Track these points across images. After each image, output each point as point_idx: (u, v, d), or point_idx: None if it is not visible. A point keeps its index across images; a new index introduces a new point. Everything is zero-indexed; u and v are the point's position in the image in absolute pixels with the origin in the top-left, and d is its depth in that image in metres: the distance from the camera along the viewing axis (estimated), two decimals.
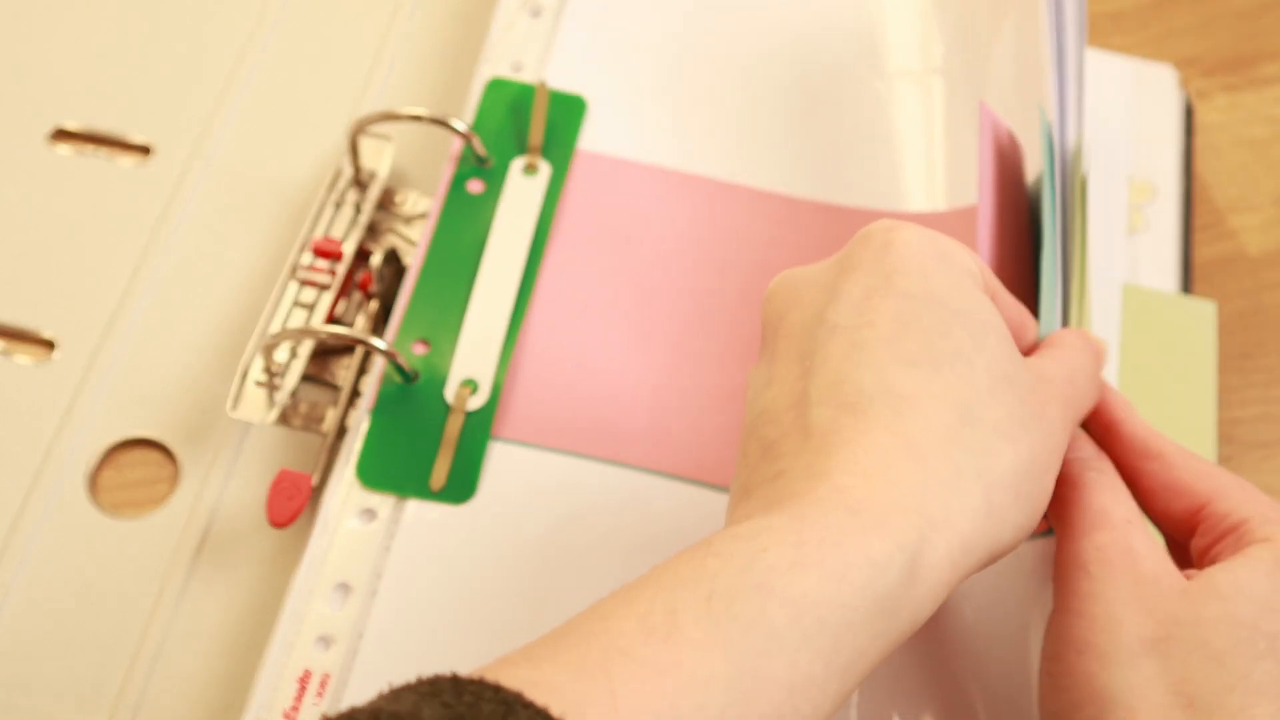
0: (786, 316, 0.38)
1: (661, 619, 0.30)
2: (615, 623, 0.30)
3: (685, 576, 0.31)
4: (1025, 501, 0.35)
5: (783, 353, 0.37)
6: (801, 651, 0.30)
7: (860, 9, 0.59)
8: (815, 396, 0.35)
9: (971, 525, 0.33)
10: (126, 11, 0.62)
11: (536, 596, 0.45)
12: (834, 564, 0.31)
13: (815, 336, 0.36)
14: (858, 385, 0.34)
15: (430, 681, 0.29)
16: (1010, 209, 0.47)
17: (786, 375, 0.36)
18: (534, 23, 0.58)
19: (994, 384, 0.35)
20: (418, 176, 0.58)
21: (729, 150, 0.55)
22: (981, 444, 0.34)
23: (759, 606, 0.30)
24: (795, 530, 0.31)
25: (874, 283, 0.36)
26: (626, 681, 0.29)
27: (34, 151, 0.58)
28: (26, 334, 0.54)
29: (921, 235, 0.37)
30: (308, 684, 0.44)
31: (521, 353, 0.50)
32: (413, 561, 0.46)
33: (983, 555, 0.34)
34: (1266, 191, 0.60)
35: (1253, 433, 0.54)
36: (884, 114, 0.56)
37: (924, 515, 0.32)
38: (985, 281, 0.38)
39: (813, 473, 0.33)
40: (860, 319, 0.36)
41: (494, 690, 0.28)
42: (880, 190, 0.54)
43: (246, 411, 0.50)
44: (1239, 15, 0.65)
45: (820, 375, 0.35)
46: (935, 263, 0.36)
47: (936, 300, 0.36)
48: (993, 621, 0.44)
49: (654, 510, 0.47)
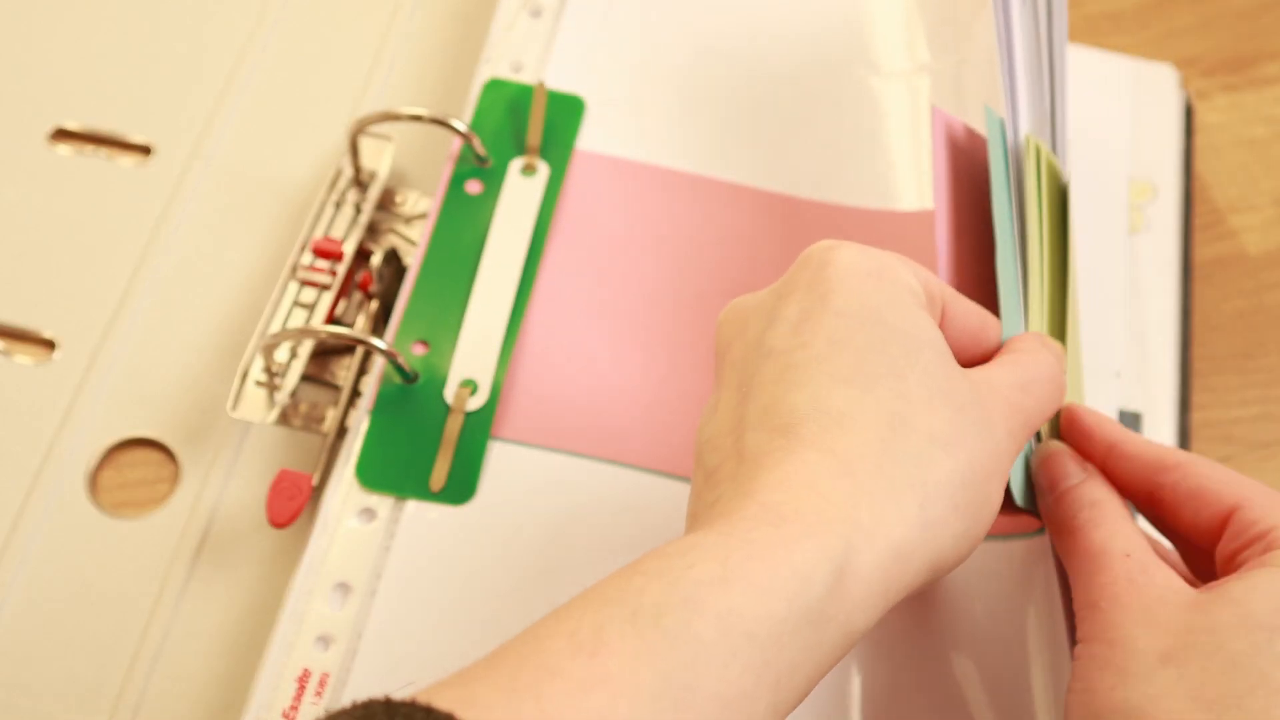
0: (731, 346, 0.38)
1: (589, 636, 0.30)
2: (546, 642, 0.30)
3: (612, 595, 0.31)
4: (966, 510, 0.35)
5: (726, 381, 0.37)
6: (731, 665, 0.30)
7: (860, 8, 0.59)
8: (750, 421, 0.35)
9: (904, 533, 0.33)
10: (127, 11, 0.62)
11: (536, 596, 0.45)
12: (760, 577, 0.31)
13: (753, 361, 0.37)
14: (790, 406, 0.35)
15: (364, 705, 0.29)
16: (971, 208, 0.47)
17: (728, 402, 0.37)
18: (534, 23, 0.58)
19: (929, 396, 0.35)
20: (418, 176, 0.58)
21: (728, 150, 0.55)
22: (915, 454, 0.34)
23: (685, 621, 0.30)
24: (721, 545, 0.32)
25: (809, 304, 0.36)
26: (555, 697, 0.29)
27: (34, 151, 0.58)
28: (27, 334, 0.54)
29: (858, 254, 0.37)
30: (307, 683, 0.44)
31: (521, 353, 0.50)
32: (412, 561, 0.46)
33: (921, 565, 0.34)
34: (1266, 191, 0.60)
35: (1253, 433, 0.54)
36: (883, 114, 0.56)
37: (851, 524, 0.32)
38: (929, 293, 0.38)
39: (742, 493, 0.34)
40: (795, 340, 0.36)
41: (425, 712, 0.28)
42: (876, 189, 0.54)
43: (247, 411, 0.50)
44: (1239, 15, 0.65)
45: (756, 400, 0.36)
46: (872, 281, 0.37)
47: (871, 317, 0.36)
48: (990, 621, 0.44)
49: (653, 509, 0.47)
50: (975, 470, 0.35)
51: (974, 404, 0.36)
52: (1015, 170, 0.46)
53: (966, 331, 0.39)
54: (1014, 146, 0.46)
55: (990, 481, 0.36)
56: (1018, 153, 0.46)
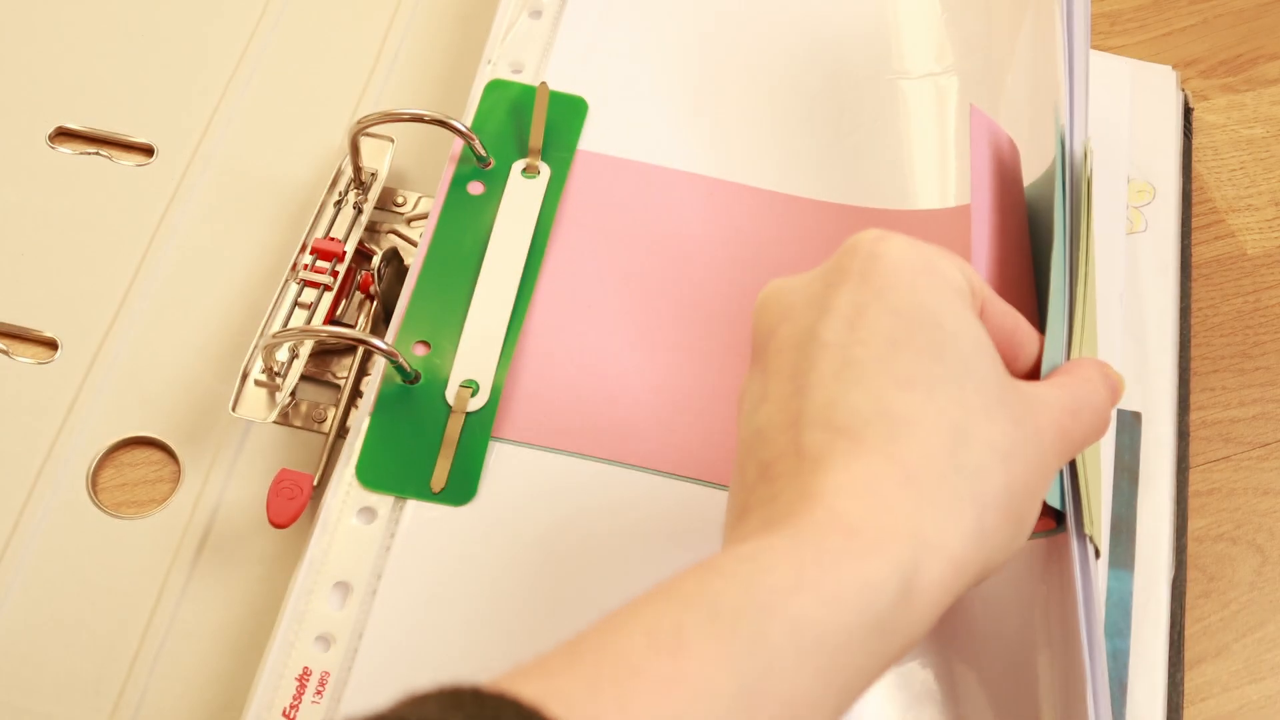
0: (777, 331, 0.38)
1: (669, 635, 0.30)
2: (624, 637, 0.31)
3: (690, 594, 0.31)
4: (1014, 522, 0.35)
5: (775, 369, 0.37)
6: (802, 670, 0.31)
7: (861, 7, 0.59)
8: (809, 418, 0.35)
9: (963, 547, 0.33)
10: (128, 12, 0.62)
11: (537, 597, 0.46)
12: (831, 586, 0.32)
13: (807, 353, 0.36)
14: (852, 407, 0.35)
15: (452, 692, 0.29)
16: (1007, 211, 0.47)
17: (780, 393, 0.36)
18: (534, 24, 0.58)
19: (987, 405, 0.35)
20: (418, 177, 0.58)
21: (729, 150, 0.55)
22: (974, 466, 0.34)
23: (761, 626, 0.31)
24: (794, 552, 0.32)
25: (863, 298, 0.36)
26: (636, 695, 0.29)
27: (36, 151, 0.59)
28: (28, 334, 0.54)
29: (909, 248, 0.37)
30: (307, 682, 0.44)
31: (522, 353, 0.50)
32: (413, 561, 0.46)
33: (974, 576, 0.34)
34: (1266, 191, 0.60)
35: (1253, 433, 0.55)
36: (882, 114, 0.56)
37: (918, 538, 0.33)
38: (974, 292, 0.38)
39: (809, 495, 0.34)
40: (852, 336, 0.36)
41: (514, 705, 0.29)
42: (882, 190, 0.54)
43: (247, 411, 0.50)
44: (1239, 15, 0.65)
45: (814, 395, 0.35)
46: (924, 279, 0.36)
47: (929, 319, 0.36)
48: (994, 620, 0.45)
49: (655, 509, 0.47)
50: (1026, 483, 0.35)
51: (1028, 416, 0.36)
52: (1070, 178, 0.46)
53: (1002, 331, 0.39)
54: (1070, 153, 0.46)
55: (1035, 495, 0.36)
56: (1073, 160, 0.46)
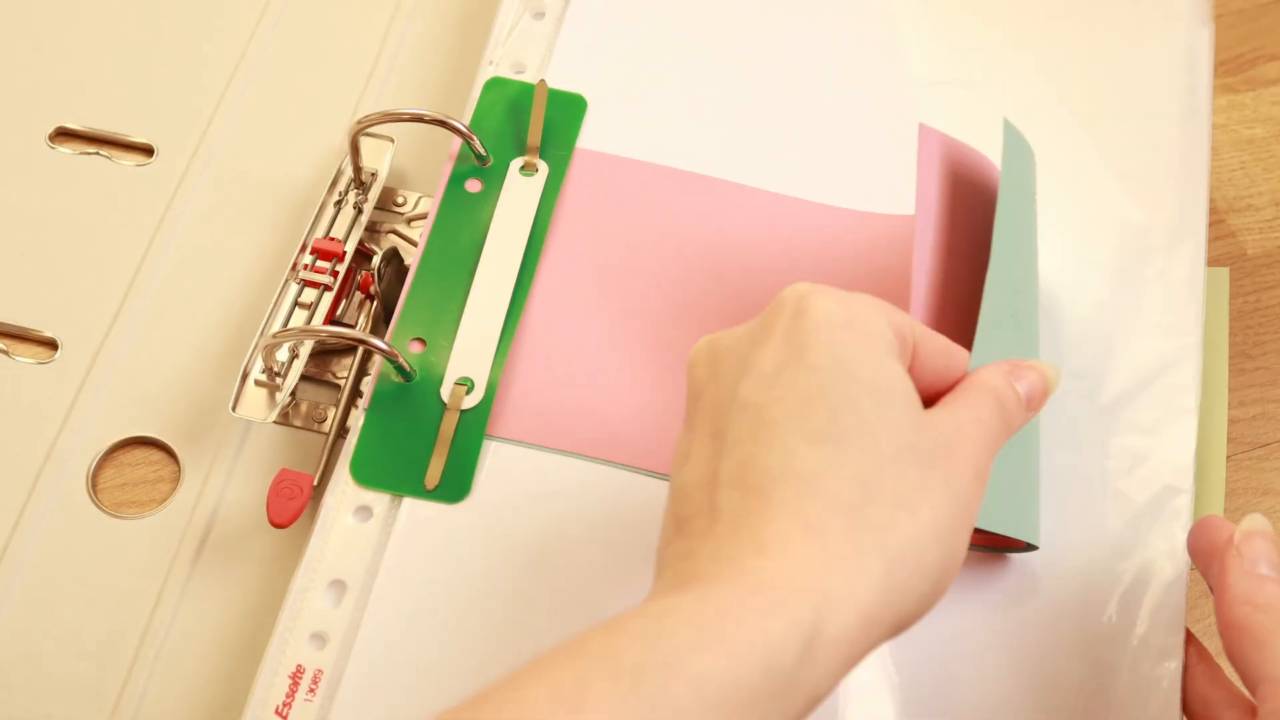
0: (704, 390, 0.38)
1: (571, 691, 0.31)
2: (527, 694, 0.31)
3: (594, 652, 0.32)
4: (929, 571, 0.35)
5: (699, 428, 0.38)
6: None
7: (863, 11, 0.59)
8: (724, 477, 0.36)
9: (871, 600, 0.34)
10: (128, 12, 0.62)
11: (530, 595, 0.46)
12: (734, 644, 0.32)
13: (728, 413, 0.37)
14: (764, 467, 0.35)
15: None
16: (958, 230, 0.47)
17: (702, 453, 0.37)
18: (536, 25, 0.58)
19: (897, 454, 0.35)
20: (418, 176, 0.58)
21: (729, 150, 0.55)
22: (881, 518, 0.35)
23: (663, 683, 0.31)
24: (699, 611, 0.33)
25: (784, 356, 0.37)
26: None
27: (36, 151, 0.59)
28: (28, 334, 0.54)
29: (834, 303, 0.37)
30: (300, 680, 0.44)
31: (517, 352, 0.50)
32: (408, 559, 0.46)
33: (886, 628, 0.35)
34: (1266, 192, 0.60)
35: (1253, 433, 0.54)
36: (882, 117, 0.56)
37: (822, 594, 0.33)
38: (900, 337, 0.38)
39: (719, 556, 0.34)
40: (769, 395, 0.36)
41: None
42: (877, 192, 0.54)
43: (247, 411, 0.50)
44: (1239, 15, 0.65)
45: (731, 455, 0.36)
46: (845, 333, 0.37)
47: (845, 373, 0.36)
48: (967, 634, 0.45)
49: (647, 509, 0.47)
50: (939, 528, 0.35)
51: (941, 456, 0.36)
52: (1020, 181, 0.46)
53: (934, 371, 0.39)
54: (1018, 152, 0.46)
55: (955, 535, 0.36)
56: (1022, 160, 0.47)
